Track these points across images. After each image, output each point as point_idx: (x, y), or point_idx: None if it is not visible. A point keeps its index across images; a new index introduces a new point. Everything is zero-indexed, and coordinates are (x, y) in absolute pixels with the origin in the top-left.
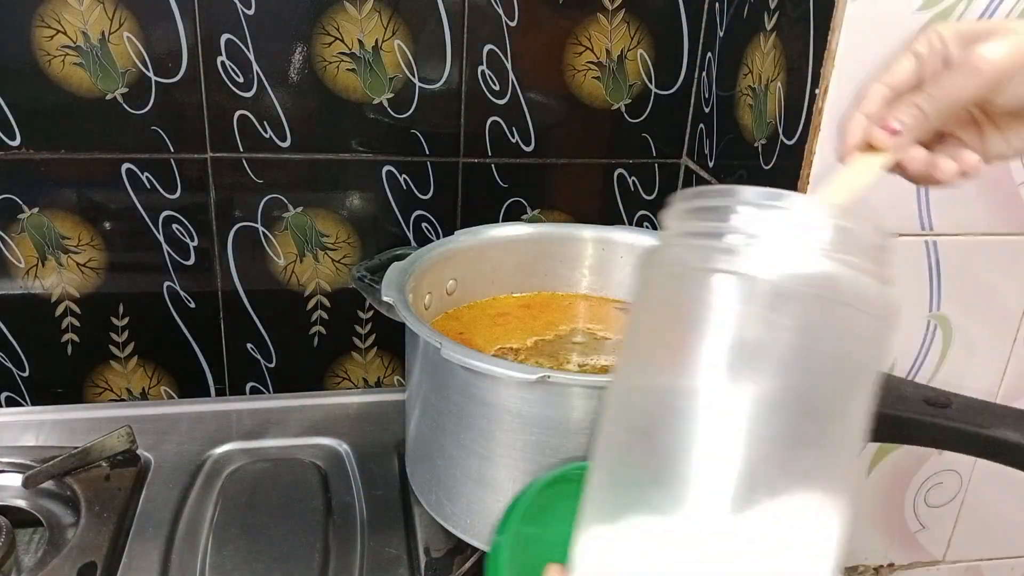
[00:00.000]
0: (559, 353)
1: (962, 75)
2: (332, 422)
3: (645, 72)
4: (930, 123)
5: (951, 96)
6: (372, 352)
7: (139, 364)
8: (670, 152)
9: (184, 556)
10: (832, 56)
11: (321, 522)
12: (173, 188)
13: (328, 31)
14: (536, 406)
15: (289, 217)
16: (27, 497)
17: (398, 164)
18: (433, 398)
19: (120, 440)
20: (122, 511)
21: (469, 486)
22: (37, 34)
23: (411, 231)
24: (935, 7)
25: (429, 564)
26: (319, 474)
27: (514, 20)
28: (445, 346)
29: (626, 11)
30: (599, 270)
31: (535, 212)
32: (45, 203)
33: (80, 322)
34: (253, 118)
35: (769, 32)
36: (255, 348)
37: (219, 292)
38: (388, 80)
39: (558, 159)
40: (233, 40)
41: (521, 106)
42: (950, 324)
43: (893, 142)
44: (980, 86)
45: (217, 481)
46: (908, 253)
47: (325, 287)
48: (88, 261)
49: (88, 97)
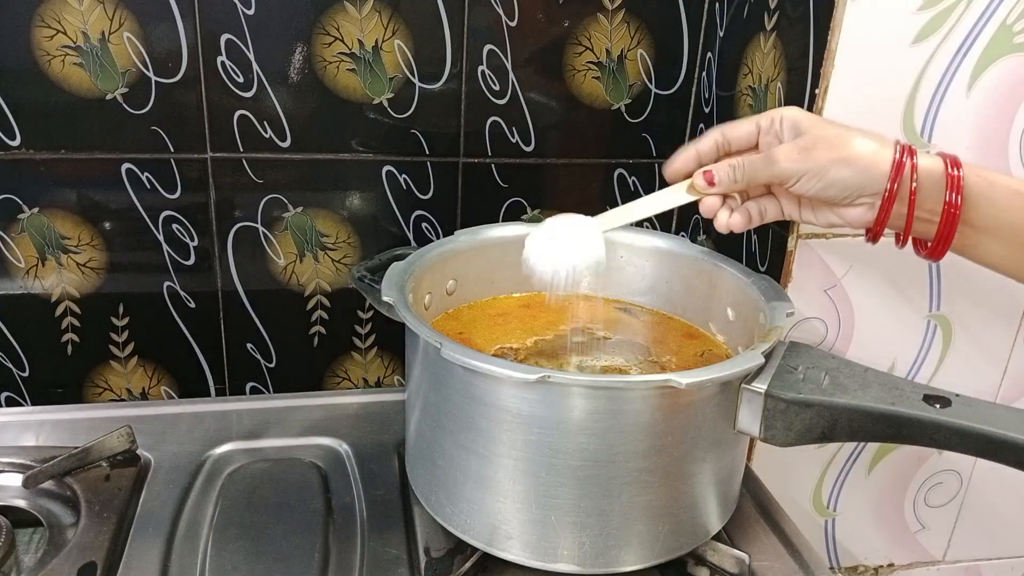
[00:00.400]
0: (559, 353)
1: (762, 161)
2: (332, 422)
3: (645, 72)
4: (738, 187)
5: (752, 173)
6: (372, 352)
7: (139, 364)
8: (670, 152)
9: (184, 556)
10: (832, 56)
11: (321, 522)
12: (173, 188)
13: (328, 31)
14: (536, 406)
15: (289, 217)
16: (27, 497)
17: (398, 164)
18: (433, 398)
19: (120, 440)
20: (122, 511)
21: (469, 486)
22: (37, 34)
23: (411, 231)
24: (935, 7)
25: (429, 564)
26: (319, 474)
27: (514, 20)
28: (445, 346)
29: (626, 11)
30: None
31: (535, 212)
32: (45, 203)
33: (80, 322)
34: (253, 118)
35: (769, 32)
36: (255, 348)
37: (219, 292)
38: (388, 80)
39: (558, 159)
40: (233, 40)
41: (521, 106)
42: (950, 324)
43: (707, 190)
44: (773, 175)
45: (217, 481)
46: (908, 253)
47: (325, 287)
48: (88, 261)
49: (88, 97)
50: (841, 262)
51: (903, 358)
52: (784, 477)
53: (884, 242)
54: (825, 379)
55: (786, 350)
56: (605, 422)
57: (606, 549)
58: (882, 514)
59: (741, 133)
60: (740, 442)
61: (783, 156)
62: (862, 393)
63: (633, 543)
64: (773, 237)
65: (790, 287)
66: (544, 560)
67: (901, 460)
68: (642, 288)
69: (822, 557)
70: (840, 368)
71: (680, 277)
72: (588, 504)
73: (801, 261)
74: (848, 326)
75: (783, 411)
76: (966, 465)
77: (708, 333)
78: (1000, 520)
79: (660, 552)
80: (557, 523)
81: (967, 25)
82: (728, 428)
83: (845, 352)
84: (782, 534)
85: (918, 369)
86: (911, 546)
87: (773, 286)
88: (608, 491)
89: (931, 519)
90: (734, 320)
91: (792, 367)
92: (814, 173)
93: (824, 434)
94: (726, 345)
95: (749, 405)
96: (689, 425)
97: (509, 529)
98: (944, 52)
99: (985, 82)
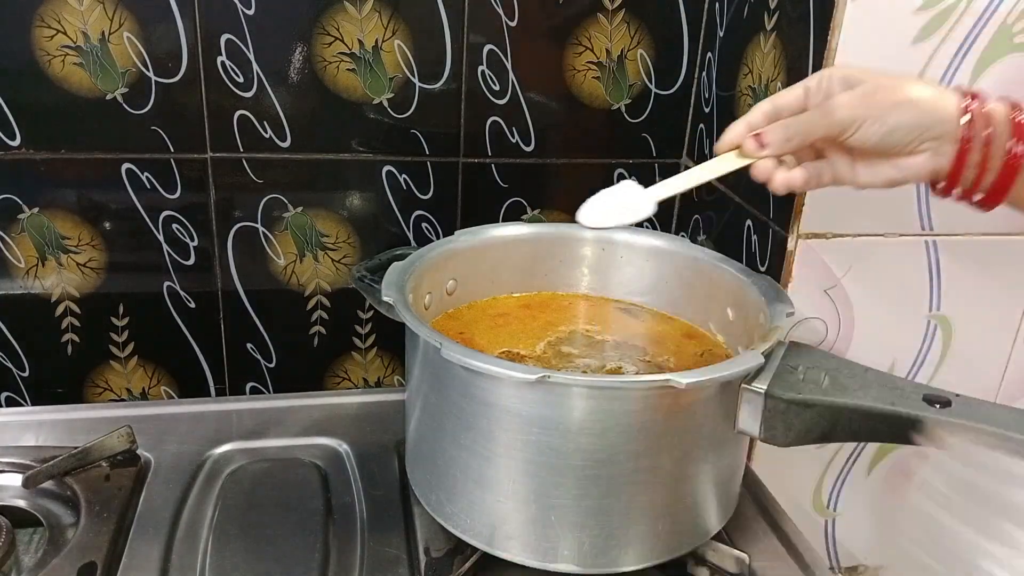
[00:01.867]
0: (563, 356)
1: (818, 115)
2: (332, 422)
3: (645, 72)
4: (792, 146)
5: (807, 128)
6: (372, 352)
7: (139, 364)
8: (670, 152)
9: (184, 556)
10: (832, 56)
11: (321, 522)
12: (173, 188)
13: (328, 31)
14: (536, 406)
15: (289, 217)
16: (27, 497)
17: (398, 164)
18: (433, 398)
19: (120, 440)
20: (122, 511)
21: (469, 486)
22: (37, 34)
23: (411, 231)
24: (935, 7)
25: (429, 564)
26: (319, 474)
27: (514, 20)
28: (445, 346)
29: (626, 11)
30: (599, 270)
31: (535, 212)
32: (45, 203)
33: (80, 322)
34: (253, 118)
35: (769, 32)
36: (255, 348)
37: (219, 292)
38: (388, 80)
39: (558, 159)
40: (233, 40)
41: (521, 106)
42: (950, 324)
43: (758, 152)
44: (830, 126)
45: (217, 481)
46: (908, 253)
47: (325, 287)
48: (88, 261)
49: (88, 97)
50: (841, 262)
51: (903, 358)
52: (784, 477)
53: (884, 242)
54: (825, 379)
55: (786, 350)
56: (605, 422)
57: (606, 549)
58: (882, 514)
59: (790, 99)
60: (740, 442)
61: (841, 104)
62: (862, 393)
63: (633, 543)
64: (773, 237)
65: (790, 287)
66: (544, 560)
67: (901, 460)
68: (642, 288)
69: (822, 557)
70: (840, 368)
71: (680, 277)
72: (588, 504)
73: (801, 261)
74: (848, 326)
75: (783, 411)
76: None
77: (708, 333)
78: None
79: (660, 552)
80: (557, 523)
81: (967, 25)
82: (728, 428)
83: (845, 352)
84: (782, 534)
85: (918, 369)
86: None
87: (773, 286)
88: (608, 491)
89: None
90: (734, 320)
91: (792, 367)
92: (876, 118)
93: (824, 434)
94: (726, 345)
95: (749, 405)
96: (689, 425)
97: (509, 529)
98: (944, 52)
99: (985, 82)
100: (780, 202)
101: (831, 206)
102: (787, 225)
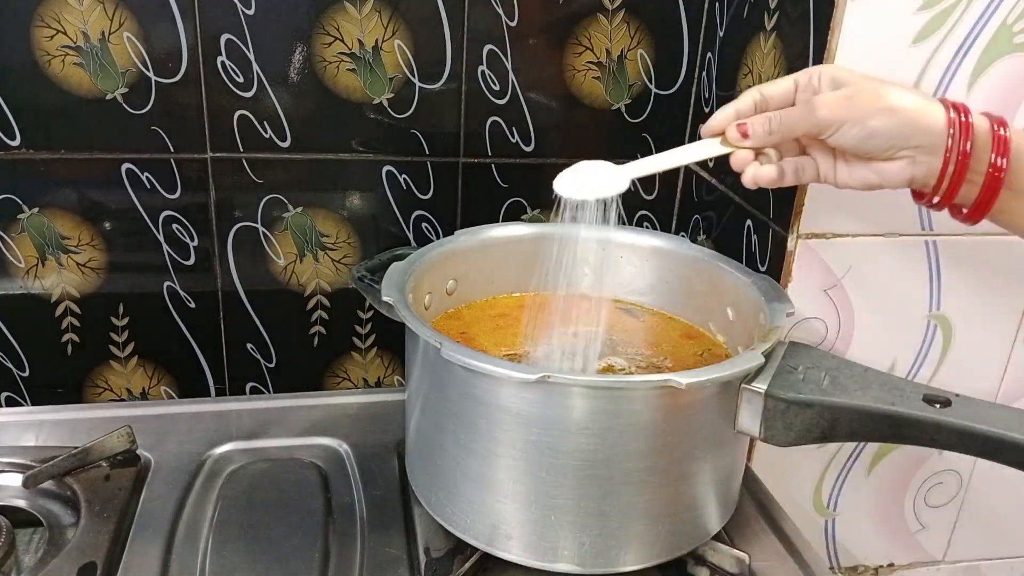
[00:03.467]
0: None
1: (800, 111)
2: (332, 422)
3: (645, 72)
4: (773, 140)
5: (790, 124)
6: (372, 352)
7: (139, 364)
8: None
9: (184, 556)
10: (832, 56)
11: (321, 522)
12: (173, 188)
13: (328, 31)
14: (536, 406)
15: (289, 217)
16: (27, 497)
17: (398, 164)
18: (433, 398)
19: (120, 440)
20: (122, 511)
21: (469, 486)
22: (37, 34)
23: (411, 231)
24: (935, 7)
25: (429, 564)
26: (319, 474)
27: (514, 20)
28: (445, 346)
29: (626, 11)
30: (599, 270)
31: (535, 212)
32: (45, 203)
33: (80, 322)
34: (253, 118)
35: (769, 32)
36: (255, 348)
37: (219, 292)
38: (388, 80)
39: (558, 159)
40: (233, 40)
41: (521, 106)
42: (950, 324)
43: (740, 142)
44: (811, 124)
45: (217, 481)
46: (908, 253)
47: (325, 287)
48: (88, 261)
49: (88, 97)
50: (841, 262)
51: (903, 358)
52: (784, 477)
53: (884, 242)
54: (825, 379)
55: (786, 350)
56: (605, 422)
57: (606, 549)
58: (882, 514)
59: (779, 91)
60: (740, 442)
61: (823, 104)
62: (862, 393)
63: (633, 543)
64: (773, 237)
65: (790, 287)
66: (544, 560)
67: (901, 460)
68: (642, 288)
69: (822, 557)
70: (840, 368)
71: (680, 277)
72: (588, 504)
73: (801, 261)
74: (848, 326)
75: (783, 411)
76: (966, 465)
77: (708, 333)
78: (1000, 520)
79: (660, 552)
80: (557, 523)
81: (967, 25)
82: (728, 428)
83: (845, 352)
84: (782, 534)
85: (918, 369)
86: (911, 546)
87: (773, 286)
88: (608, 491)
89: (931, 519)
90: (734, 320)
91: (792, 367)
92: (855, 121)
93: (824, 434)
94: (726, 345)
95: (749, 405)
96: (689, 425)
97: (509, 529)
98: (944, 52)
99: (985, 82)
100: (780, 202)
101: (831, 206)
102: (787, 225)
